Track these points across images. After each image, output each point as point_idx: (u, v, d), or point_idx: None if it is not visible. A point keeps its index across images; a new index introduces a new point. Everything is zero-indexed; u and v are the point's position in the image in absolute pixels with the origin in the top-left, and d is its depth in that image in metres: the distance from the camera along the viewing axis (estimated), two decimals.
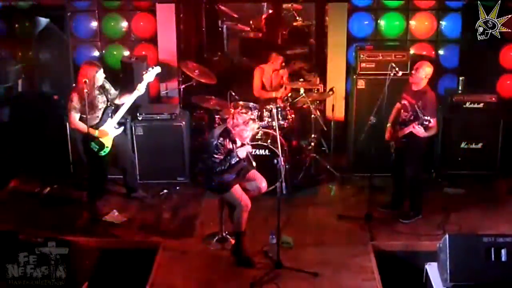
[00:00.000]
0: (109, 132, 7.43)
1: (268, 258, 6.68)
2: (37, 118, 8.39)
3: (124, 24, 9.59)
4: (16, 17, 9.48)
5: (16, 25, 9.53)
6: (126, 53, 9.56)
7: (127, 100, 7.47)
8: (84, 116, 7.17)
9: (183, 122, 8.42)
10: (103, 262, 6.55)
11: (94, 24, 9.56)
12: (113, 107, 7.45)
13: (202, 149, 7.84)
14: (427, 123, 6.75)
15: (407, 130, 7.03)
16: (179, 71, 9.36)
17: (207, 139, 7.12)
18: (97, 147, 7.39)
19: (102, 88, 7.37)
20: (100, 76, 7.26)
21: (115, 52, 9.60)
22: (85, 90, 7.05)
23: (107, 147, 7.43)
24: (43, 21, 8.50)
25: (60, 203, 7.86)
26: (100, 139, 7.38)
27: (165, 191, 8.26)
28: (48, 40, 8.58)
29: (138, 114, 8.37)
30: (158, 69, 7.65)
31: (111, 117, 7.44)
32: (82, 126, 7.23)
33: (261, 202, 7.31)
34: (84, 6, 9.52)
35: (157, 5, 9.26)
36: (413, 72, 7.13)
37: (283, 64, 8.86)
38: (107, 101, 7.39)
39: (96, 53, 9.61)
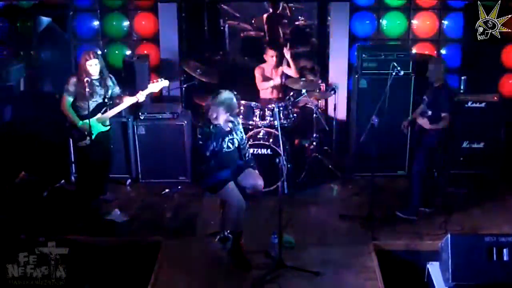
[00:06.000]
0: (92, 127, 7.26)
1: (270, 257, 6.67)
2: (39, 117, 8.39)
3: (126, 23, 9.60)
4: (18, 16, 9.49)
5: (18, 24, 9.53)
6: (128, 52, 9.58)
7: (124, 102, 7.43)
8: (78, 103, 7.24)
9: (185, 122, 8.42)
10: (104, 261, 6.55)
11: (96, 23, 9.58)
12: (108, 104, 7.37)
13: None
14: (428, 115, 6.86)
15: (418, 121, 7.32)
16: (181, 70, 9.36)
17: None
18: (77, 136, 7.35)
19: (104, 82, 7.31)
20: (91, 67, 7.18)
21: (116, 51, 9.61)
22: (86, 79, 7.09)
23: (89, 140, 7.32)
24: (45, 20, 8.49)
25: (61, 202, 7.85)
26: (81, 130, 7.31)
27: (166, 190, 8.27)
28: (49, 39, 8.57)
29: (140, 113, 8.38)
30: (166, 83, 7.58)
31: (102, 113, 7.37)
32: (70, 112, 7.25)
33: (263, 202, 7.33)
34: (86, 5, 9.54)
35: (159, 4, 9.27)
36: (429, 70, 7.26)
37: (275, 57, 8.79)
38: (105, 96, 7.33)
39: (98, 52, 9.61)
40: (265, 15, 12.60)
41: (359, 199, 8.03)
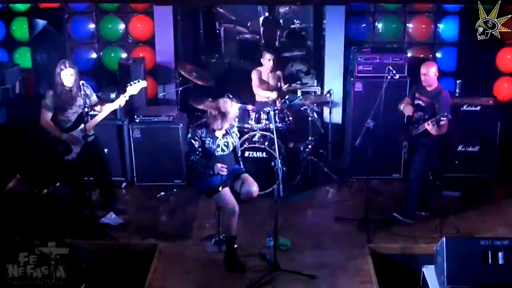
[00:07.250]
0: (79, 138, 7.18)
1: (265, 260, 6.67)
2: (34, 120, 8.37)
3: (122, 26, 9.60)
4: (14, 19, 9.48)
5: (14, 27, 9.53)
6: (124, 55, 9.57)
7: (105, 110, 7.28)
8: (59, 117, 7.14)
9: (181, 125, 8.41)
10: (100, 264, 6.54)
11: (92, 26, 9.58)
12: (89, 113, 7.13)
13: None
14: (444, 119, 6.79)
15: (422, 128, 7.11)
16: (176, 73, 9.36)
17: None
18: (63, 151, 7.22)
19: (80, 92, 7.04)
20: (66, 77, 7.03)
21: (112, 54, 9.62)
22: (62, 89, 7.05)
23: (75, 153, 7.24)
24: (41, 23, 8.49)
25: (57, 205, 7.84)
26: (68, 143, 7.20)
27: (162, 193, 8.26)
28: (45, 42, 8.56)
29: (135, 117, 8.37)
30: (144, 83, 7.45)
31: (85, 123, 7.07)
32: (51, 127, 7.13)
33: (259, 205, 7.34)
34: (82, 8, 9.54)
35: (155, 7, 9.26)
36: (423, 75, 7.19)
37: (272, 61, 8.77)
38: (85, 106, 7.03)
39: (94, 55, 9.63)
40: (261, 18, 12.58)
41: (355, 202, 8.03)
